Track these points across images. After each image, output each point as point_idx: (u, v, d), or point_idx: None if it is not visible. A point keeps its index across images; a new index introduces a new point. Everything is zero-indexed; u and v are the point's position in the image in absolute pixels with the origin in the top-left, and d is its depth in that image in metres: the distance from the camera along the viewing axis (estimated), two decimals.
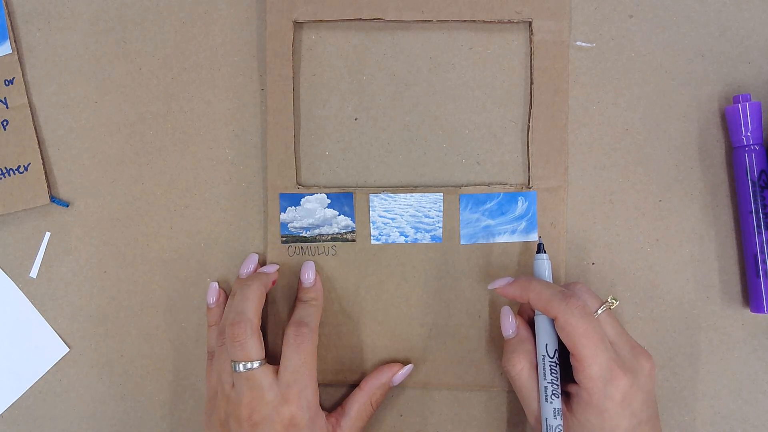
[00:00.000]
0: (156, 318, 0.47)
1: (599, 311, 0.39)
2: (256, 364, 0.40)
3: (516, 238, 0.45)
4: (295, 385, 0.40)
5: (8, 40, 0.47)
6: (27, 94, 0.47)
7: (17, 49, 0.47)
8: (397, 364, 0.44)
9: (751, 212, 0.44)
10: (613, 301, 0.39)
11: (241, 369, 0.40)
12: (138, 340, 0.47)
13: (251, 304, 0.41)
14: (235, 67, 0.47)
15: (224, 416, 0.41)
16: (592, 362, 0.37)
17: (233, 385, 0.40)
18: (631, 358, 0.38)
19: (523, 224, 0.45)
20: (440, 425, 0.46)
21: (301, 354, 0.40)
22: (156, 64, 0.47)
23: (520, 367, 0.40)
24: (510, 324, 0.42)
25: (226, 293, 0.46)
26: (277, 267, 0.45)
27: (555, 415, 0.38)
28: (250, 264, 0.45)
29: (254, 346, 0.40)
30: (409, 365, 0.44)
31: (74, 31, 0.47)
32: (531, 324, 0.42)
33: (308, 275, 0.44)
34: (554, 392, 0.39)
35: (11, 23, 0.47)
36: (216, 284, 0.45)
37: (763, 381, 0.45)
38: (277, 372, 0.40)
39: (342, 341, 0.45)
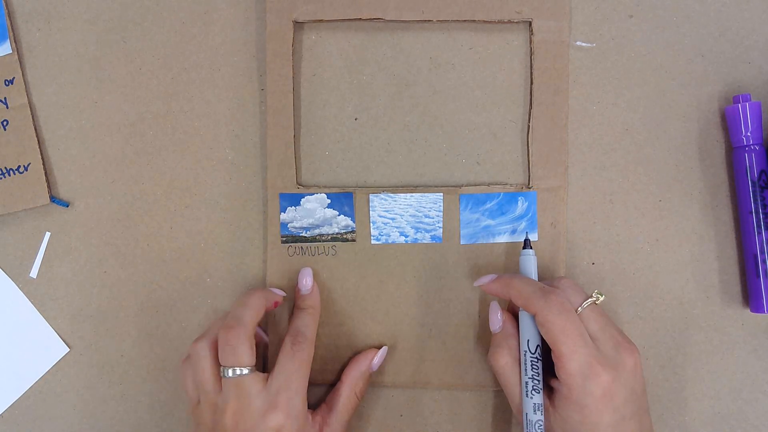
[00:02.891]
0: (156, 318, 0.47)
1: (583, 306, 0.39)
2: (245, 371, 0.39)
3: (516, 238, 0.45)
4: (285, 392, 0.39)
5: (8, 40, 0.47)
6: (27, 94, 0.47)
7: (17, 49, 0.47)
8: (372, 350, 0.45)
9: (751, 212, 0.44)
10: (599, 296, 0.39)
11: (230, 375, 0.39)
12: (138, 340, 0.47)
13: (249, 311, 0.40)
14: (235, 67, 0.47)
15: (211, 425, 0.39)
16: (570, 358, 0.37)
17: (220, 391, 0.40)
18: (613, 354, 0.38)
19: (523, 224, 0.45)
20: (440, 425, 0.46)
21: (295, 362, 0.40)
22: (156, 64, 0.47)
23: (503, 362, 0.40)
24: (497, 319, 0.42)
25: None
26: (284, 294, 0.45)
27: (535, 410, 0.38)
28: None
29: (246, 351, 0.39)
30: (384, 347, 0.45)
31: (74, 31, 0.47)
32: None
33: (306, 282, 0.44)
34: (535, 387, 0.39)
35: (11, 23, 0.47)
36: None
37: (763, 381, 0.45)
38: (266, 380, 0.40)
39: (342, 341, 0.45)
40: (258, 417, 0.38)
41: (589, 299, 0.39)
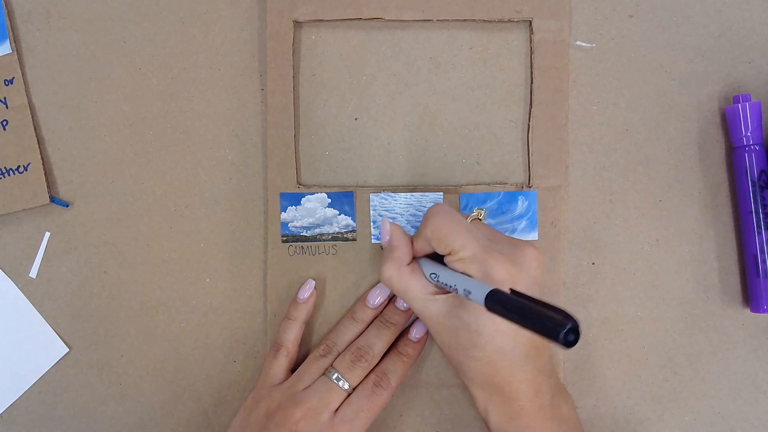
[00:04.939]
0: (156, 318, 0.47)
1: (468, 220, 0.40)
2: (346, 386, 0.41)
3: (517, 237, 0.45)
4: (348, 424, 0.40)
5: (8, 40, 0.47)
6: (27, 94, 0.47)
7: (17, 49, 0.47)
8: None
9: (751, 212, 0.44)
10: (480, 211, 0.41)
11: (334, 379, 0.41)
12: (138, 340, 0.47)
13: (382, 347, 0.42)
14: (235, 67, 0.47)
15: (275, 408, 0.41)
16: (463, 247, 0.37)
17: (307, 388, 0.41)
18: (510, 248, 0.38)
19: (524, 223, 0.45)
20: (440, 425, 0.46)
21: (369, 402, 0.41)
22: (156, 64, 0.47)
23: (387, 274, 0.40)
24: (386, 230, 0.42)
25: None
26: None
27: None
28: (383, 294, 0.44)
29: (362, 377, 0.42)
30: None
31: (74, 31, 0.47)
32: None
33: (417, 331, 0.44)
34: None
35: (11, 23, 0.47)
36: (314, 282, 0.45)
37: (763, 381, 0.45)
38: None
39: None
40: (317, 429, 0.40)
41: (472, 215, 0.41)
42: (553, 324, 0.28)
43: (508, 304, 0.31)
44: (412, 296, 0.40)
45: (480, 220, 0.41)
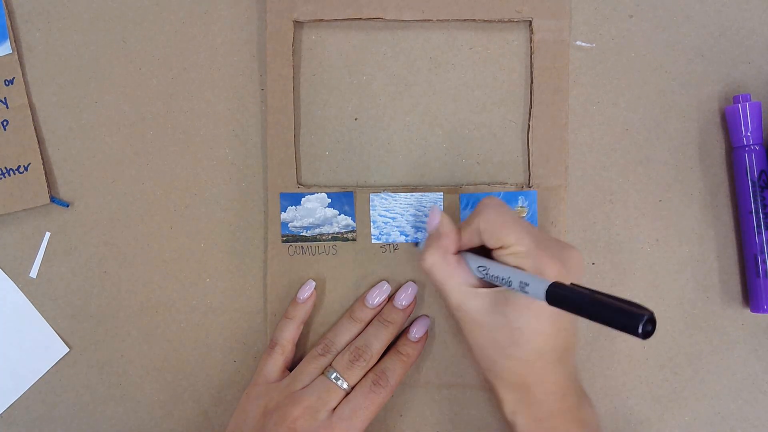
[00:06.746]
0: (156, 318, 0.47)
1: None
2: (345, 385, 0.41)
3: None
4: (346, 422, 0.40)
5: (8, 40, 0.47)
6: (27, 94, 0.47)
7: (17, 49, 0.47)
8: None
9: (751, 212, 0.44)
10: (522, 209, 0.41)
11: (333, 378, 0.41)
12: (138, 340, 0.47)
13: (380, 346, 0.42)
14: (235, 67, 0.47)
15: (273, 407, 0.41)
16: (519, 243, 0.37)
17: (305, 387, 0.41)
18: (558, 248, 0.38)
19: None
20: (440, 425, 0.46)
21: (367, 401, 0.41)
22: (156, 64, 0.47)
23: (430, 261, 0.40)
24: (435, 216, 0.41)
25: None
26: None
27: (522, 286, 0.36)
28: (382, 294, 0.44)
29: (360, 376, 0.41)
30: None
31: (74, 31, 0.47)
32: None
33: (416, 330, 0.44)
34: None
35: (11, 23, 0.47)
36: (314, 283, 0.45)
37: (763, 381, 0.45)
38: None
39: None
40: (314, 428, 0.39)
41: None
42: (630, 316, 0.28)
43: (574, 298, 0.31)
44: (452, 287, 0.39)
45: (522, 217, 0.41)
